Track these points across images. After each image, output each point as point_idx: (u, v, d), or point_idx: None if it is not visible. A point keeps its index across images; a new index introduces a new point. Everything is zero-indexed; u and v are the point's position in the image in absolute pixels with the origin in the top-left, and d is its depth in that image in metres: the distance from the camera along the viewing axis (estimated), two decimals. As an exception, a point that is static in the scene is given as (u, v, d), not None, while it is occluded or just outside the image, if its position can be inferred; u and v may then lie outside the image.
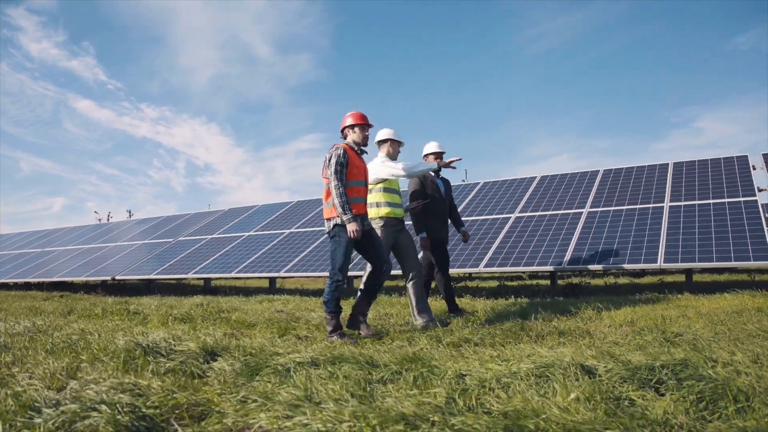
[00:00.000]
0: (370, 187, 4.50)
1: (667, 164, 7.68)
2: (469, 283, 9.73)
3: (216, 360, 3.20)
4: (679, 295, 5.34)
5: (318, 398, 1.95)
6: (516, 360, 2.59)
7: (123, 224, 13.65)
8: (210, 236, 9.97)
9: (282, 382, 2.46)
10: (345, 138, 4.19)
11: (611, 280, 8.77)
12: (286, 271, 7.48)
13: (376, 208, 4.52)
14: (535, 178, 8.40)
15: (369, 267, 4.43)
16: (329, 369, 2.65)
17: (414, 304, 4.55)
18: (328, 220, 4.04)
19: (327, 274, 7.17)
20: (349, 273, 6.96)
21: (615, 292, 6.83)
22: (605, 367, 2.34)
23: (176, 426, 1.62)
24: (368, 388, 2.36)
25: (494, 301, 5.99)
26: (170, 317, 5.19)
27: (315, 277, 7.76)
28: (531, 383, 2.23)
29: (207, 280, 9.84)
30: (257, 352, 3.37)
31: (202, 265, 8.61)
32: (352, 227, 3.86)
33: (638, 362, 2.35)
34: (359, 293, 4.42)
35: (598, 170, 8.07)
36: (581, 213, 6.90)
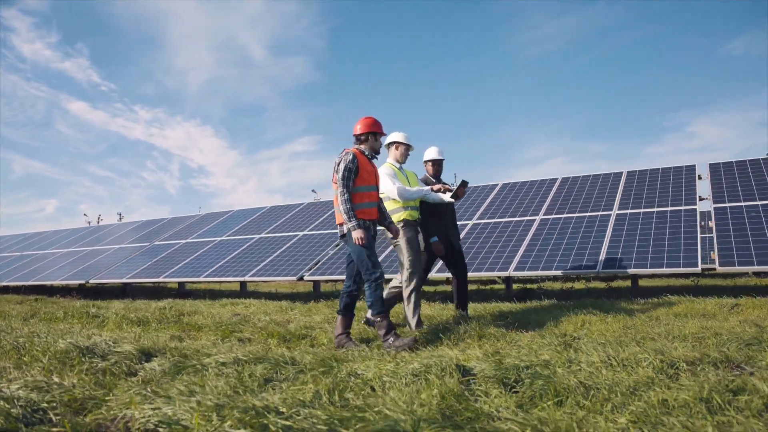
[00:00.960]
0: (381, 195, 4.48)
1: (621, 173, 7.95)
2: (427, 288, 9.98)
3: (151, 360, 3.43)
4: (615, 301, 5.59)
5: (201, 393, 2.18)
6: (407, 360, 2.83)
7: (104, 228, 13.84)
8: (184, 241, 10.19)
9: (192, 380, 2.70)
10: (360, 143, 4.11)
11: (569, 284, 9.03)
12: (252, 276, 7.70)
13: (392, 214, 4.53)
14: (496, 185, 8.66)
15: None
16: (237, 369, 2.88)
17: (411, 310, 4.54)
18: (341, 225, 3.99)
19: (289, 278, 7.41)
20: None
21: (566, 296, 7.08)
22: (481, 367, 2.59)
23: (51, 416, 1.85)
24: (265, 385, 2.60)
25: (444, 305, 6.23)
26: (126, 320, 5.41)
27: (279, 281, 8.00)
28: (408, 381, 2.47)
29: (181, 284, 10.05)
30: (192, 353, 3.59)
31: (173, 269, 8.83)
32: (357, 234, 3.80)
33: (509, 363, 2.60)
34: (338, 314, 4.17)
35: (557, 178, 8.33)
36: (534, 220, 7.16)
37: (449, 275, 6.35)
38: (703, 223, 6.25)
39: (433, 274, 6.51)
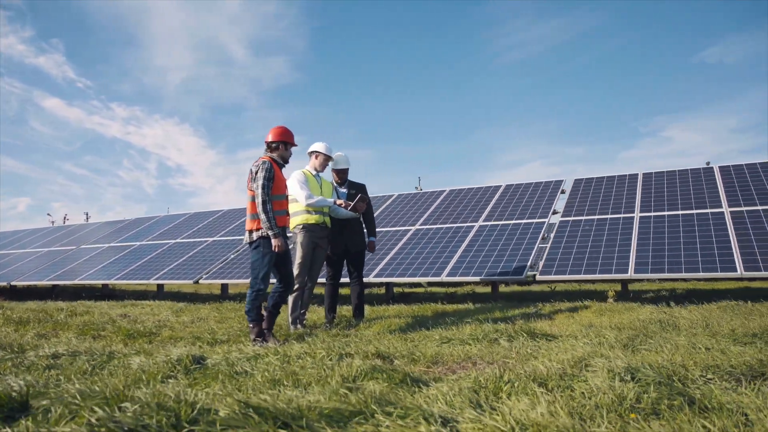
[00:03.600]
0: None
1: (500, 186, 8.70)
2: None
3: (-12, 356, 4.02)
4: (470, 306, 6.27)
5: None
6: (173, 355, 3.47)
7: (43, 229, 14.26)
8: (107, 244, 10.72)
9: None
10: (272, 151, 4.32)
11: (452, 289, 9.77)
12: (156, 279, 8.28)
13: (292, 217, 4.82)
14: (392, 195, 9.36)
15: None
16: (35, 359, 3.50)
17: (290, 311, 4.93)
18: (251, 231, 4.11)
19: (187, 281, 8.00)
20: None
21: (447, 300, 7.77)
22: (215, 359, 3.24)
23: None
24: (44, 371, 3.23)
25: (317, 307, 6.89)
26: (7, 321, 5.96)
27: (178, 283, 8.57)
28: (149, 368, 3.11)
29: (105, 285, 10.57)
30: (30, 348, 4.19)
31: (89, 272, 9.36)
32: (277, 242, 3.99)
33: (234, 357, 3.25)
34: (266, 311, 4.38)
35: (444, 189, 9.06)
36: (410, 230, 7.86)
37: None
38: (546, 235, 7.00)
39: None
